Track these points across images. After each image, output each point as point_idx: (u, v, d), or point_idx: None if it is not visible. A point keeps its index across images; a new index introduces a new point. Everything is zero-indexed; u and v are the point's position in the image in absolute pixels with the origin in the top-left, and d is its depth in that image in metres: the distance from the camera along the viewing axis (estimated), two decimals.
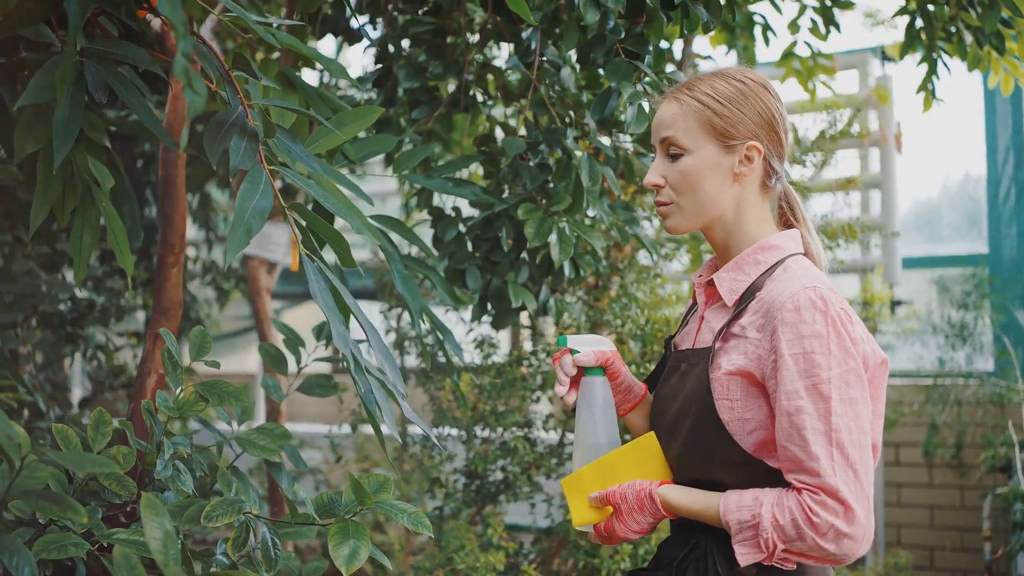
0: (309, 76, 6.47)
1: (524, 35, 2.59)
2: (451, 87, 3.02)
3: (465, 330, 3.42)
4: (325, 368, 6.28)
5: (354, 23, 2.99)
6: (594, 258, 2.73)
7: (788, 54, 4.67)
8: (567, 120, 2.60)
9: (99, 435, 1.89)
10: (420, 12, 2.87)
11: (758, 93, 1.75)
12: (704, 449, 1.69)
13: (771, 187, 1.79)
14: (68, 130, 1.76)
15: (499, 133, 3.60)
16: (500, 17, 2.67)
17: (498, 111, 3.54)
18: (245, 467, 5.04)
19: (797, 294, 1.62)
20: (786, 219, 1.84)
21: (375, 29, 3.23)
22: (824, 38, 4.54)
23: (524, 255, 2.70)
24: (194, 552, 1.97)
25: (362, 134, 2.50)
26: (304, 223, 1.83)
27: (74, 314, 3.65)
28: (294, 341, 2.51)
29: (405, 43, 3.04)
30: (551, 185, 2.56)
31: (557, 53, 2.61)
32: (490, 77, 2.98)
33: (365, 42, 3.31)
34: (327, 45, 13.55)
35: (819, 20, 4.51)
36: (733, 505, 1.63)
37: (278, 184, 4.07)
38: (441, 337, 2.49)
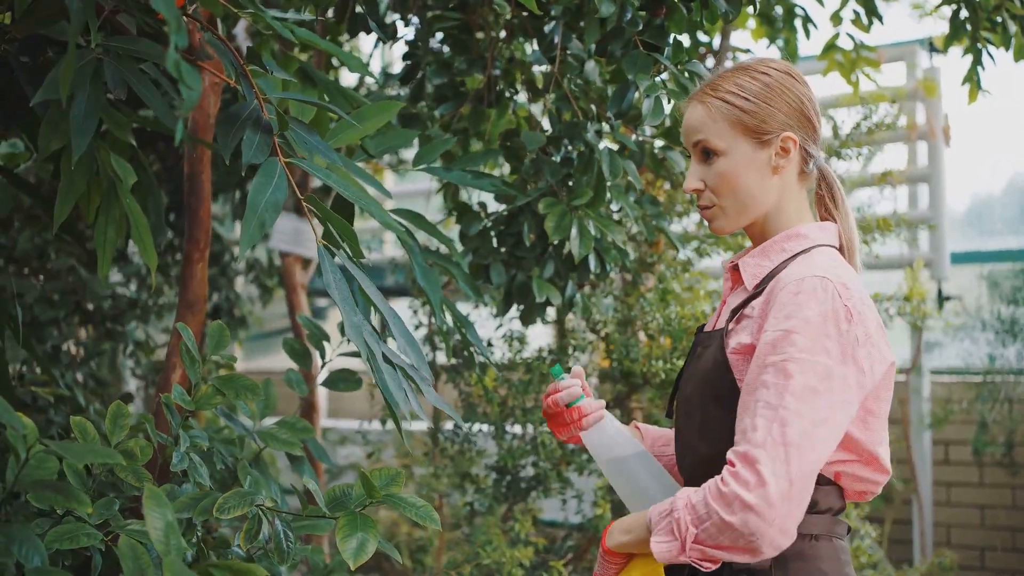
0: (349, 78, 6.50)
1: (547, 29, 2.58)
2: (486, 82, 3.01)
3: (494, 326, 3.41)
4: (358, 363, 6.32)
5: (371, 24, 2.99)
6: (620, 253, 2.71)
7: (830, 47, 4.60)
8: (590, 114, 2.59)
9: (117, 428, 1.92)
10: (448, 7, 2.88)
11: (783, 83, 1.74)
12: (716, 426, 1.66)
13: (808, 173, 1.78)
14: (85, 127, 1.78)
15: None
16: (524, 11, 2.66)
17: (536, 107, 3.54)
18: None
19: (804, 279, 1.59)
20: (824, 203, 1.82)
21: (406, 26, 3.24)
22: (867, 29, 4.46)
23: (550, 250, 2.70)
24: (208, 543, 1.99)
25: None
26: (320, 215, 1.84)
27: (115, 311, 3.71)
28: (318, 336, 2.53)
29: (435, 39, 3.05)
30: (573, 179, 2.55)
31: (581, 47, 2.60)
32: (518, 72, 2.97)
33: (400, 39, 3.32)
34: (367, 45, 13.60)
35: (862, 11, 4.45)
36: (658, 506, 1.59)
37: (301, 178, 4.10)
38: (464, 330, 2.49)
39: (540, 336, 3.71)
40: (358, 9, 3.18)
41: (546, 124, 2.88)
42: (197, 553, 1.93)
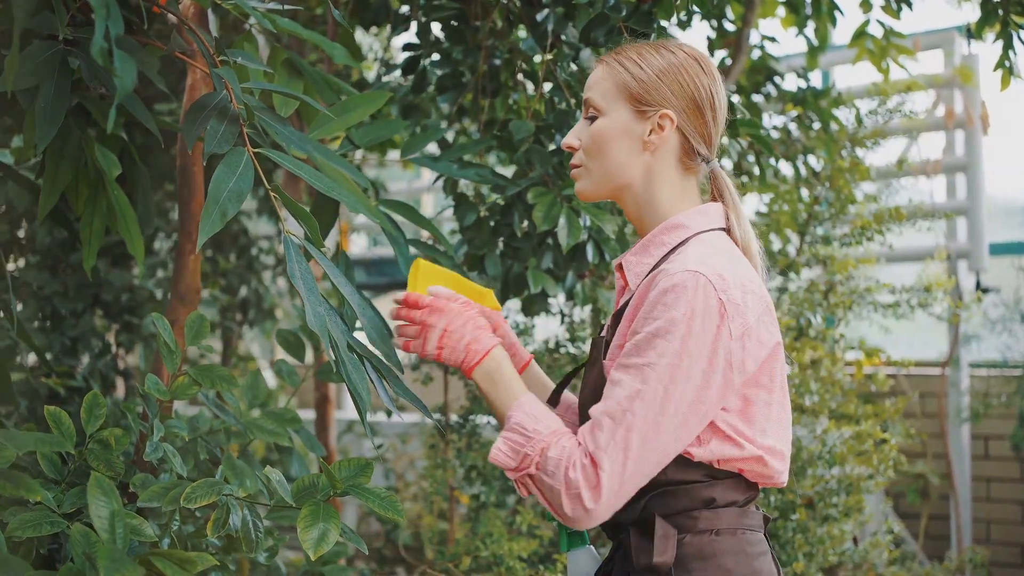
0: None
1: (539, 17, 2.55)
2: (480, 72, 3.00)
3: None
4: None
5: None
6: (620, 242, 2.68)
7: (860, 34, 4.52)
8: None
9: (92, 417, 1.93)
10: None
11: (686, 66, 1.69)
12: None
13: (693, 166, 1.72)
14: (51, 118, 1.79)
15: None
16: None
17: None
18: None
19: (674, 275, 1.55)
20: (716, 200, 1.75)
21: (412, 18, 3.23)
22: (897, 16, 4.38)
23: (549, 240, 2.67)
24: (182, 535, 2.00)
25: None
26: (286, 205, 1.84)
27: (132, 303, 3.75)
28: (309, 330, 2.53)
29: (436, 29, 3.03)
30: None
31: (577, 35, 2.57)
32: (520, 62, 2.95)
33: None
34: (366, 39, 13.65)
35: None
36: (528, 407, 1.62)
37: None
38: None
39: (550, 327, 3.67)
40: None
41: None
42: (170, 543, 1.94)
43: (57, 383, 3.11)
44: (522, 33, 2.97)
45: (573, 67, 2.55)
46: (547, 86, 2.75)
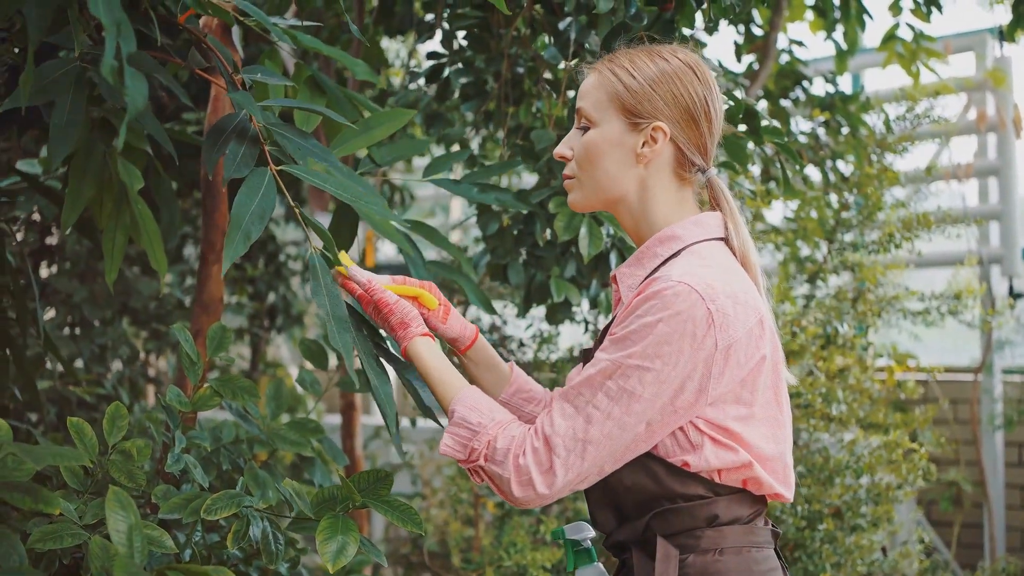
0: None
1: (561, 25, 2.55)
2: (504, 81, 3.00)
3: (525, 325, 3.39)
4: None
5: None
6: None
7: (889, 37, 4.48)
8: None
9: (115, 428, 1.94)
10: (470, 5, 2.86)
11: (679, 74, 1.65)
12: None
13: (688, 176, 1.68)
14: (67, 133, 1.80)
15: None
16: (541, 7, 2.64)
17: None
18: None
19: (659, 284, 1.53)
20: (714, 210, 1.72)
21: (437, 27, 3.24)
22: (926, 19, 4.34)
23: (573, 249, 2.67)
24: (205, 545, 2.01)
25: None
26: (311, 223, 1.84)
27: (161, 311, 3.78)
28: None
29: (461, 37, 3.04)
30: None
31: (599, 43, 2.56)
32: (543, 70, 2.95)
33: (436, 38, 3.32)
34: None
35: (921, 0, 4.32)
36: (470, 401, 1.63)
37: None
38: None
39: (576, 335, 3.66)
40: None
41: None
42: (192, 555, 1.95)
43: (85, 391, 3.14)
44: (546, 39, 2.96)
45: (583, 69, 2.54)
46: (570, 94, 2.74)
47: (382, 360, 1.85)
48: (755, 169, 4.05)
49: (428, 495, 4.86)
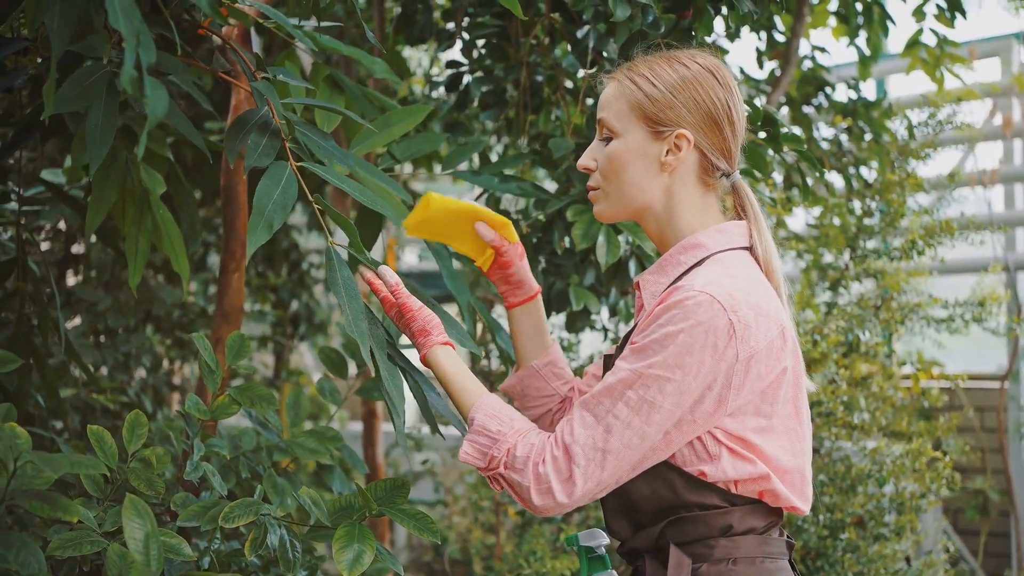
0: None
1: (580, 34, 2.55)
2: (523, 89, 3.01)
3: None
4: None
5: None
6: None
7: (913, 43, 4.46)
8: None
9: (134, 436, 1.95)
10: (489, 14, 2.87)
11: (700, 80, 1.64)
12: None
13: (713, 182, 1.68)
14: (101, 139, 1.81)
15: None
16: (559, 16, 2.64)
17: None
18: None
19: (681, 293, 1.53)
20: (739, 216, 1.72)
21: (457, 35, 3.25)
22: (950, 24, 4.32)
23: (592, 257, 2.67)
24: (224, 553, 2.02)
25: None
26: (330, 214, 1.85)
27: (184, 319, 3.81)
28: (353, 344, 2.54)
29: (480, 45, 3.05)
30: None
31: (617, 51, 2.56)
32: (562, 78, 2.95)
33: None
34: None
35: (944, 6, 4.30)
36: (489, 409, 1.62)
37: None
38: (494, 334, 2.47)
39: (597, 342, 3.66)
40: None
41: None
42: (210, 562, 1.96)
43: (109, 398, 3.16)
44: (565, 48, 2.97)
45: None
46: (588, 102, 2.75)
47: (394, 356, 1.85)
48: (777, 176, 4.04)
49: (450, 502, 4.87)
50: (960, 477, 3.44)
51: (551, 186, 2.86)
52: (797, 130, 4.45)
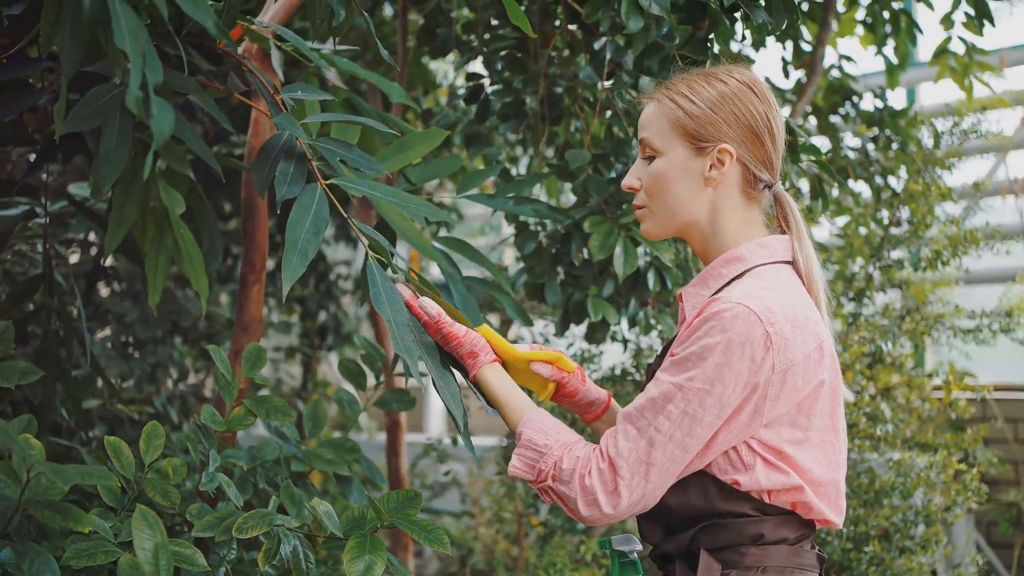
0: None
1: (597, 45, 2.56)
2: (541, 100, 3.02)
3: (566, 344, 3.39)
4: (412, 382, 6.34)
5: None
6: (681, 270, 2.67)
7: (941, 51, 4.42)
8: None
9: (151, 447, 1.98)
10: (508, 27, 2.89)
11: (739, 94, 1.66)
12: None
13: (756, 194, 1.69)
14: (115, 158, 1.83)
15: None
16: (578, 28, 2.65)
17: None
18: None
19: (720, 305, 1.54)
20: (781, 229, 1.73)
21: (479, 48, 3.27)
22: (979, 32, 4.28)
23: (611, 268, 2.67)
24: (241, 564, 2.04)
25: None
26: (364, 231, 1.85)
27: (211, 330, 3.85)
28: (373, 356, 2.56)
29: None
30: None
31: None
32: (581, 90, 2.96)
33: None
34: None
35: (973, 14, 4.26)
36: (537, 423, 1.64)
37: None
38: None
39: (617, 353, 3.65)
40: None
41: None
42: (225, 573, 1.98)
43: (135, 409, 3.20)
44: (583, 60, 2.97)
45: (631, 95, 2.55)
46: (607, 113, 2.75)
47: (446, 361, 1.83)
48: (804, 186, 4.02)
49: (476, 513, 4.87)
50: (990, 489, 3.40)
51: (570, 197, 2.87)
52: (823, 140, 4.43)
